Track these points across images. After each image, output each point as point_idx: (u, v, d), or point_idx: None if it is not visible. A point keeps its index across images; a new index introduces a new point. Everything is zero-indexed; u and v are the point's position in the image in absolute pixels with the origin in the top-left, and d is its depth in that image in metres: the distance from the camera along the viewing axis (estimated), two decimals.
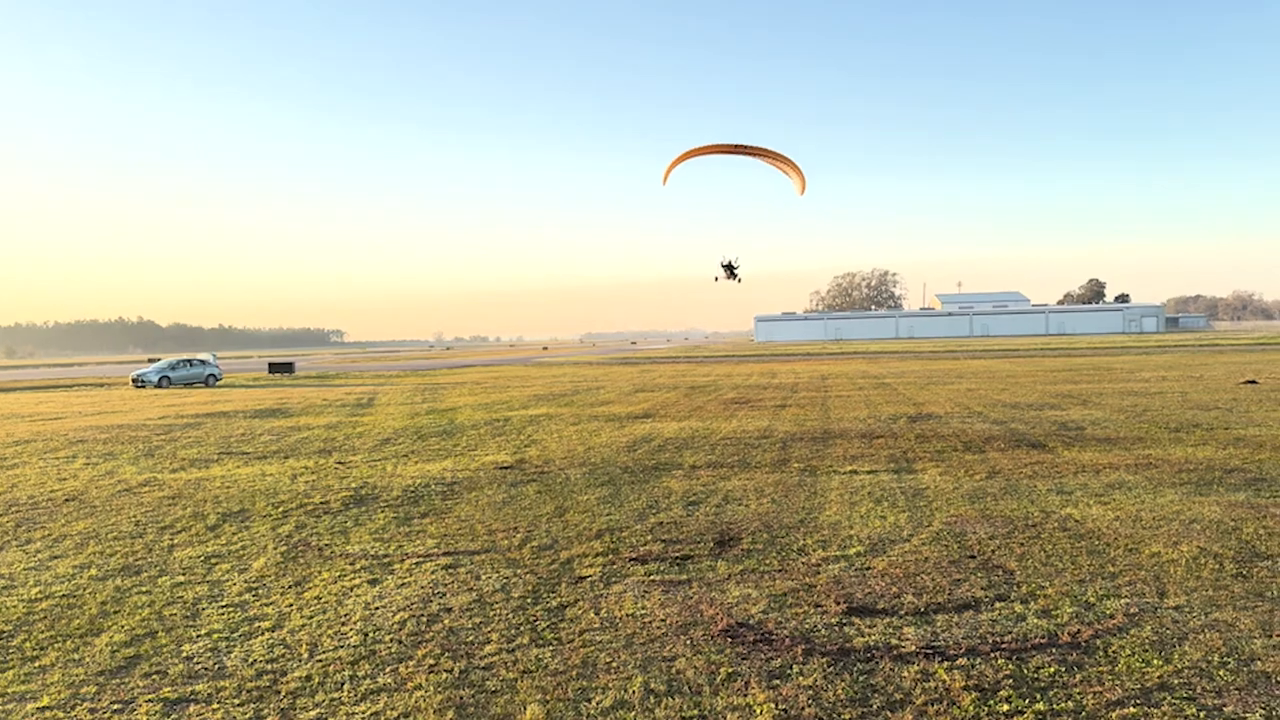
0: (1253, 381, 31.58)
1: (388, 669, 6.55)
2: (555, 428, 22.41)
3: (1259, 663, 6.14)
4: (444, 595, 8.31)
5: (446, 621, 7.55)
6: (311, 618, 7.77)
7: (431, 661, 6.65)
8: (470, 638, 7.15)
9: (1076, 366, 46.83)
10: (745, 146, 20.07)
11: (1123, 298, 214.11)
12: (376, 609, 7.95)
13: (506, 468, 15.90)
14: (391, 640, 7.13)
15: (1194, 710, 5.47)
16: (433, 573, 9.08)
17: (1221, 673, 6.01)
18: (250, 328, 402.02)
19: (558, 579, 8.75)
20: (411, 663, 6.65)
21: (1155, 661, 6.23)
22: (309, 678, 6.43)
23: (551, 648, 6.87)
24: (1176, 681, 5.90)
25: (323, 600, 8.28)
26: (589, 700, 5.90)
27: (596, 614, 7.64)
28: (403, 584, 8.72)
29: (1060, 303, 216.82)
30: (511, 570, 9.09)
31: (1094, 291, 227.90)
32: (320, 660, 6.76)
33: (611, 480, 14.29)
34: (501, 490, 13.67)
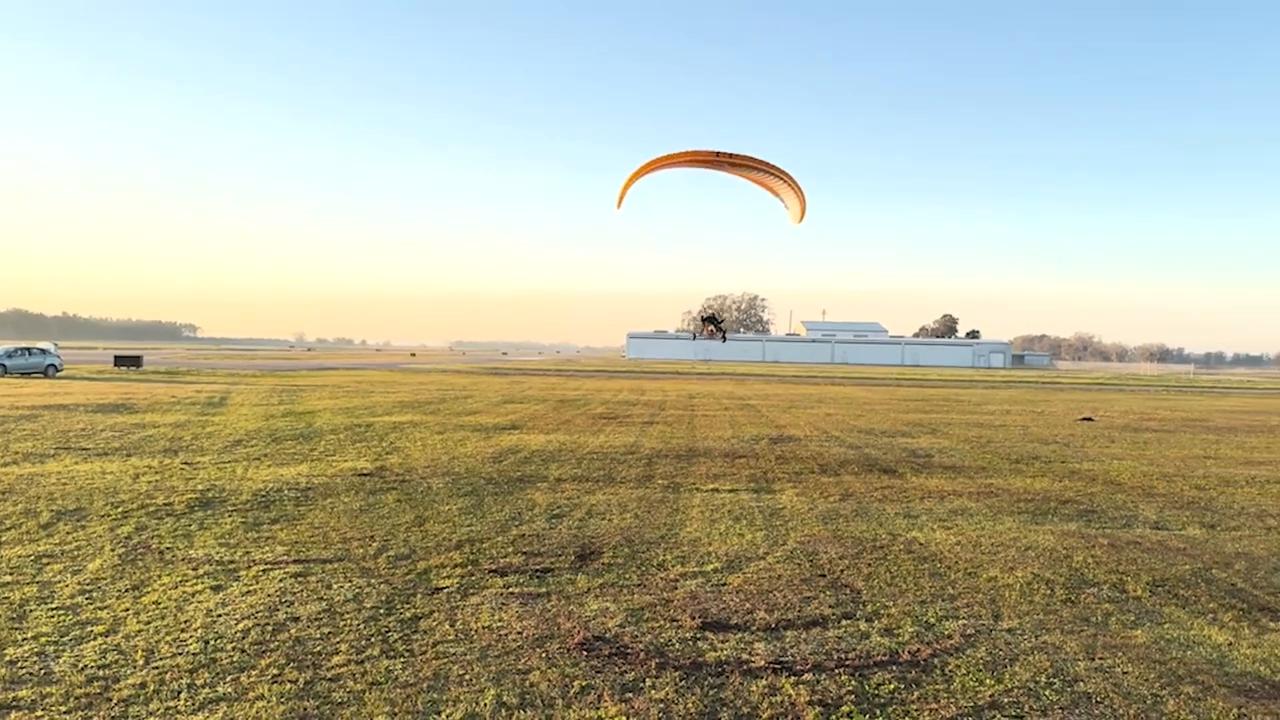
0: (1089, 419, 33.69)
1: (228, 678, 6.30)
2: (419, 436, 22.02)
3: (1082, 684, 6.55)
4: (292, 604, 8.05)
5: (293, 631, 7.32)
6: (149, 623, 7.41)
7: (275, 671, 6.44)
8: (318, 648, 6.95)
9: (928, 397, 48.97)
10: (729, 156, 16.72)
11: (973, 333, 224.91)
12: (219, 616, 7.65)
13: (366, 475, 15.54)
14: (234, 649, 6.87)
15: None
16: (281, 580, 8.79)
17: (1048, 693, 6.38)
18: (97, 317, 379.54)
19: (413, 589, 8.61)
20: (254, 672, 6.41)
21: (988, 681, 6.57)
22: (143, 685, 6.13)
23: (403, 659, 6.75)
24: (1006, 700, 6.23)
25: (162, 605, 7.91)
26: (439, 713, 5.83)
27: (451, 626, 7.55)
28: (248, 591, 8.41)
29: (916, 335, 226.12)
30: (365, 580, 8.89)
31: (947, 326, 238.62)
32: (156, 667, 6.45)
33: (475, 491, 14.14)
34: (359, 498, 13.35)
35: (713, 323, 33.52)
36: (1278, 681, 6.64)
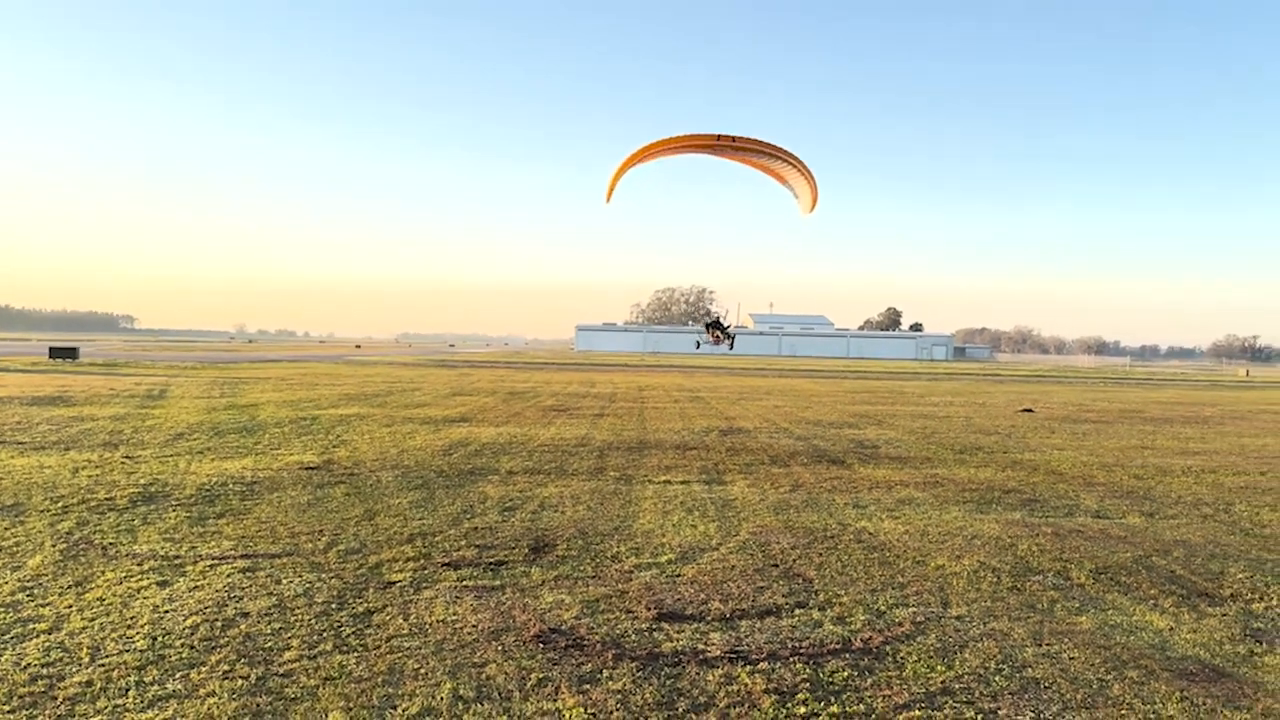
0: (1029, 410, 34.38)
1: (178, 675, 6.18)
2: (366, 428, 21.76)
3: (1030, 669, 6.69)
4: (241, 599, 7.92)
5: (243, 626, 7.20)
6: (93, 620, 7.24)
7: (226, 667, 6.33)
8: (269, 643, 6.84)
9: (873, 389, 49.60)
10: (730, 139, 15.33)
11: (917, 326, 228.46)
12: (166, 612, 7.49)
13: (313, 468, 15.31)
14: (183, 645, 6.74)
15: (972, 714, 5.90)
16: (229, 575, 8.64)
17: (997, 679, 6.51)
18: (30, 308, 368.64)
19: (365, 584, 8.51)
20: (204, 668, 6.30)
21: (939, 667, 6.69)
22: (90, 683, 5.99)
23: (357, 654, 6.67)
24: (958, 687, 6.34)
25: (106, 602, 7.73)
26: (395, 707, 5.78)
27: (405, 620, 7.48)
28: (196, 587, 8.25)
29: (861, 328, 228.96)
30: (315, 574, 8.77)
31: (891, 319, 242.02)
32: (103, 665, 6.31)
33: (425, 484, 14.02)
34: (306, 491, 13.16)
35: (718, 328, 32.59)
36: (1217, 665, 6.85)
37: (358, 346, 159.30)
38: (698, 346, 31.75)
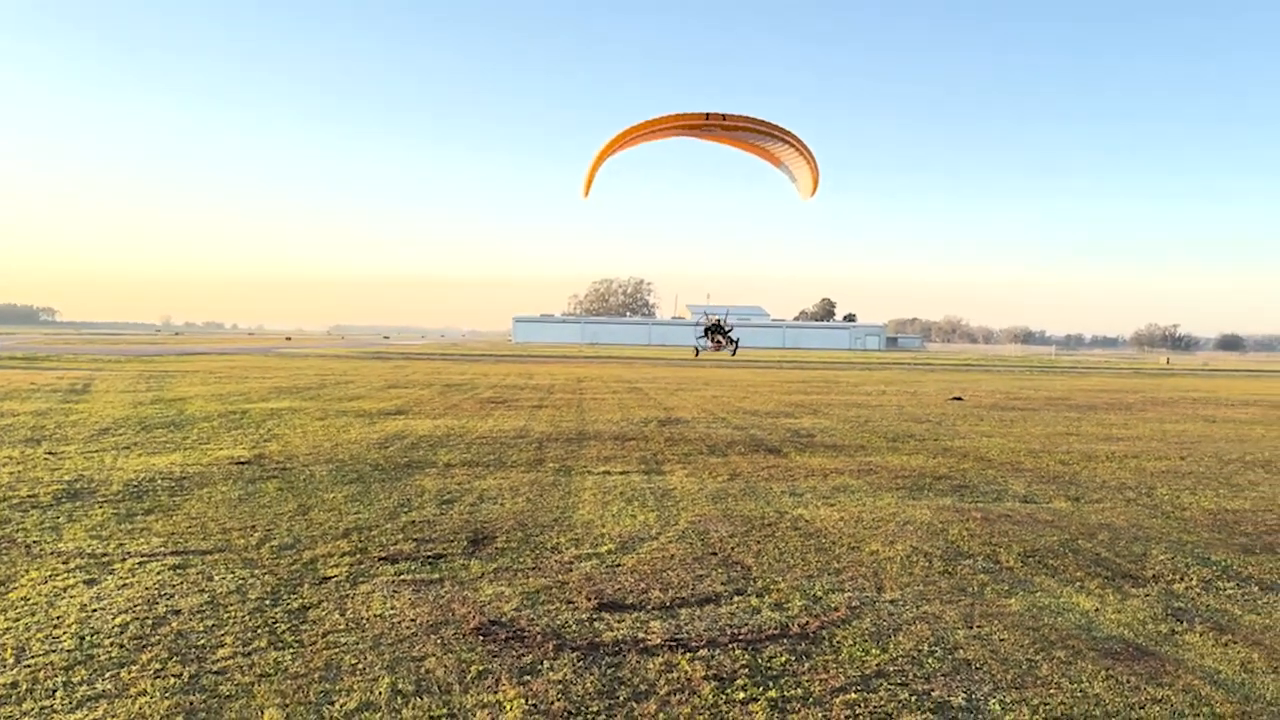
0: (959, 398, 35.12)
1: (107, 674, 6.02)
2: (299, 422, 21.39)
3: (961, 651, 6.85)
4: (172, 597, 7.74)
5: (175, 624, 7.04)
6: (18, 620, 7.02)
7: (158, 666, 6.19)
8: (202, 641, 6.70)
9: (808, 379, 50.20)
10: (721, 118, 14.17)
11: (850, 317, 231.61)
12: (94, 611, 7.29)
13: (244, 463, 15.01)
14: (112, 644, 6.57)
15: (906, 695, 6.02)
16: (159, 573, 8.44)
17: (930, 660, 6.65)
18: None
19: (300, 579, 8.38)
20: (135, 668, 6.15)
21: (874, 651, 6.81)
22: (15, 684, 5.81)
23: (292, 650, 6.57)
24: (892, 669, 6.47)
25: (31, 602, 7.49)
26: (332, 703, 5.70)
27: (342, 615, 7.39)
28: (124, 585, 8.04)
29: (796, 319, 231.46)
30: (248, 570, 8.61)
31: (826, 310, 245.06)
32: (29, 666, 6.12)
33: (361, 478, 13.83)
34: (238, 486, 12.90)
35: (719, 331, 31.36)
36: (1140, 644, 7.08)
37: (288, 339, 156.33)
38: (696, 354, 30.54)
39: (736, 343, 31.15)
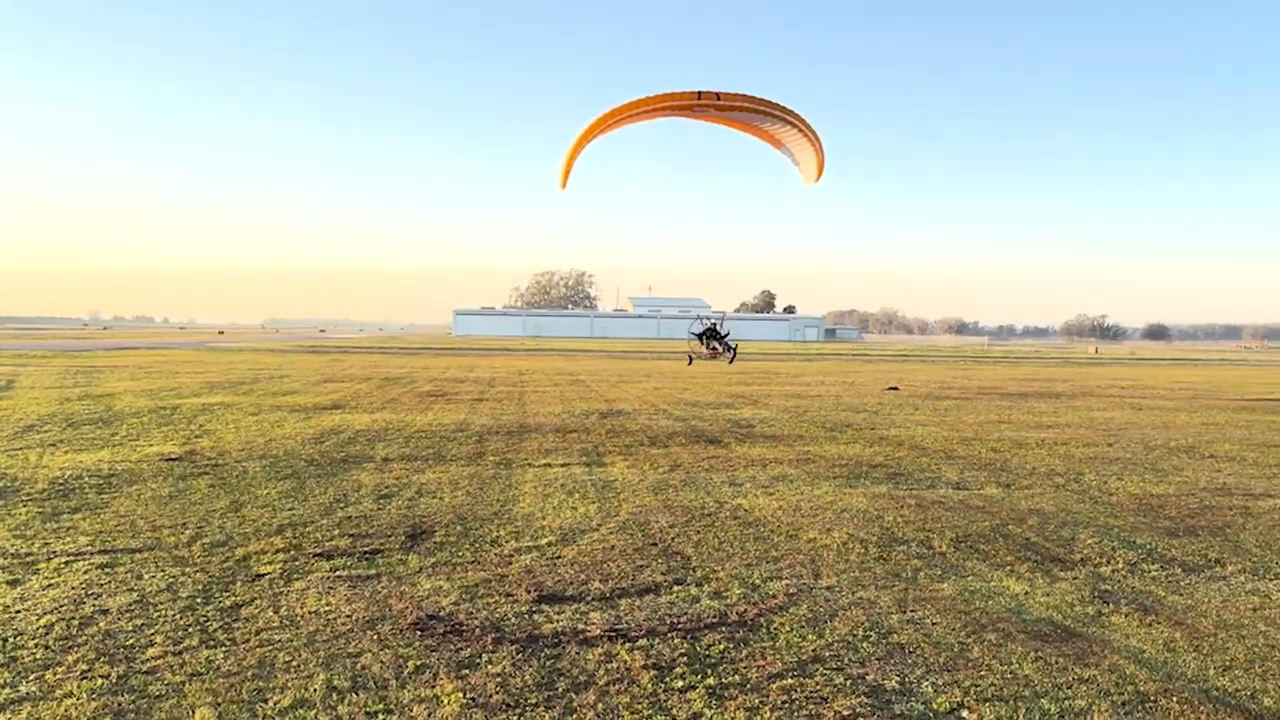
0: (895, 388, 35.69)
1: (31, 676, 5.84)
2: (232, 418, 20.96)
3: (895, 635, 6.97)
4: (100, 596, 7.54)
5: (103, 624, 6.86)
6: None
7: (85, 667, 6.02)
8: (131, 641, 6.54)
9: (749, 370, 50.50)
10: (715, 96, 13.03)
11: (790, 309, 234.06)
12: (18, 612, 7.07)
13: (174, 459, 14.67)
14: (36, 645, 6.37)
15: (841, 679, 6.10)
16: (86, 572, 8.21)
17: (865, 645, 6.75)
18: None
19: (232, 577, 8.22)
20: (61, 669, 5.98)
21: (810, 637, 6.90)
22: None
23: (224, 648, 6.45)
24: (828, 654, 6.55)
25: None
26: (266, 701, 5.61)
27: (275, 612, 7.26)
28: (50, 585, 7.81)
29: (737, 310, 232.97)
30: (179, 569, 8.42)
31: (766, 301, 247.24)
32: None
33: (295, 473, 13.61)
34: (168, 484, 12.60)
35: (714, 337, 30.00)
36: (1068, 625, 7.27)
37: (221, 333, 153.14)
38: (689, 362, 28.35)
39: (734, 350, 29.47)
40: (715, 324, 28.65)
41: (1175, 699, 5.81)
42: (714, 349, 28.16)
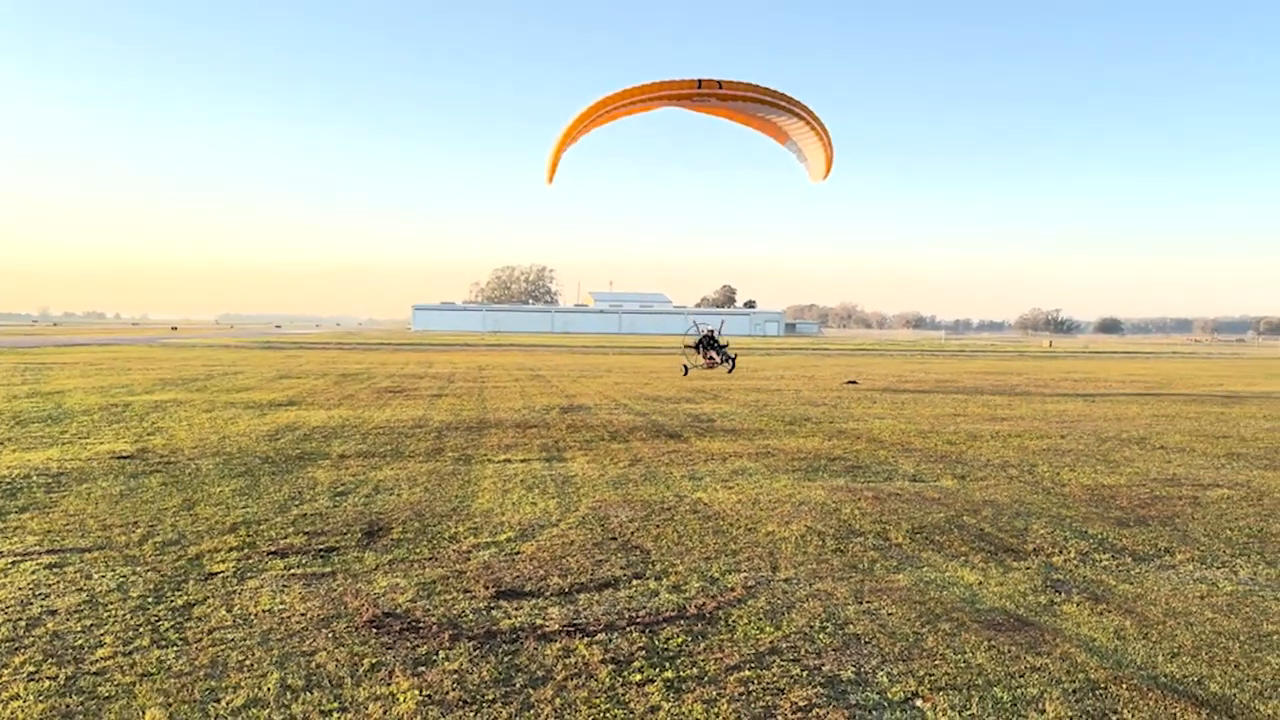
0: (853, 382, 35.97)
1: None
2: (185, 414, 20.63)
3: (852, 626, 7.03)
4: (48, 597, 7.39)
5: (50, 625, 6.72)
6: None
7: (32, 669, 5.90)
8: (80, 641, 6.41)
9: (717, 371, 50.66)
10: (717, 85, 12.26)
11: (750, 303, 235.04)
12: None
13: (126, 457, 14.41)
14: None
15: (798, 670, 6.14)
16: (33, 573, 8.04)
17: (822, 636, 6.80)
18: None
19: (184, 576, 8.09)
20: (7, 671, 5.85)
21: (768, 629, 6.93)
22: None
23: (176, 648, 6.34)
24: (785, 646, 6.59)
25: None
26: (218, 700, 5.53)
27: (228, 611, 7.16)
28: None
29: (698, 305, 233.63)
30: (130, 568, 8.27)
31: (727, 296, 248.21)
32: None
33: (249, 471, 13.43)
34: (119, 482, 12.37)
35: (712, 346, 28.71)
36: (1021, 615, 7.38)
37: (174, 329, 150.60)
38: (685, 372, 27.32)
39: (734, 359, 28.59)
40: (713, 331, 27.83)
41: (1125, 686, 5.92)
42: (711, 359, 27.40)
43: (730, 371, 26.83)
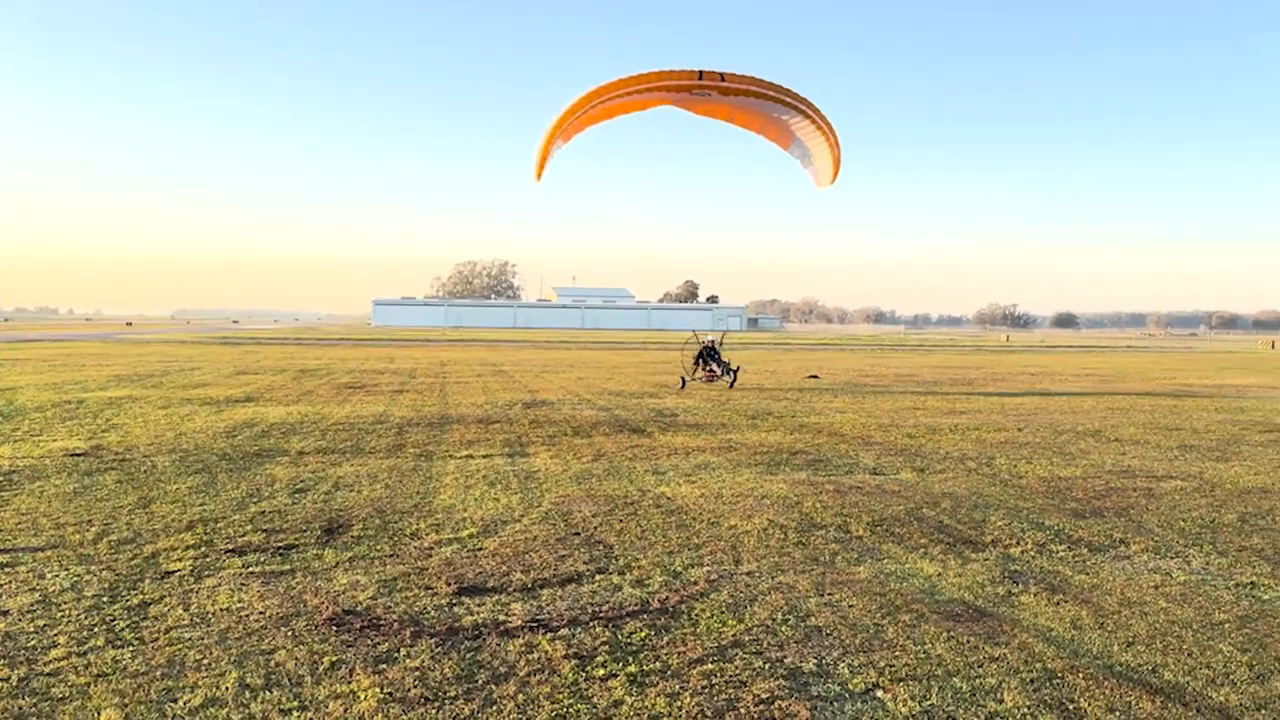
0: (815, 376, 36.22)
1: None
2: (140, 411, 20.29)
3: (813, 618, 7.08)
4: None
5: (2, 626, 6.58)
6: None
7: None
8: (32, 642, 6.29)
9: (672, 359, 50.78)
10: (720, 77, 11.23)
11: (713, 298, 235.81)
12: None
13: (79, 455, 14.14)
14: None
15: (761, 663, 6.18)
16: None
17: (784, 629, 6.84)
18: None
19: (140, 575, 7.96)
20: None
21: (730, 622, 6.96)
22: None
23: (132, 648, 6.24)
24: (747, 639, 6.63)
25: None
26: (175, 700, 5.45)
27: (186, 610, 7.06)
28: None
29: (661, 300, 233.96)
30: (84, 567, 8.12)
31: (689, 291, 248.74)
32: None
33: (206, 468, 13.24)
34: (73, 480, 12.14)
35: (713, 358, 26.94)
36: (979, 606, 7.47)
37: (129, 324, 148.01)
38: (682, 385, 25.82)
39: (736, 372, 26.10)
40: (714, 343, 26.95)
41: (1081, 675, 6.02)
42: (712, 372, 26.44)
43: (732, 386, 26.02)
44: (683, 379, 27.10)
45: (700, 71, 11.70)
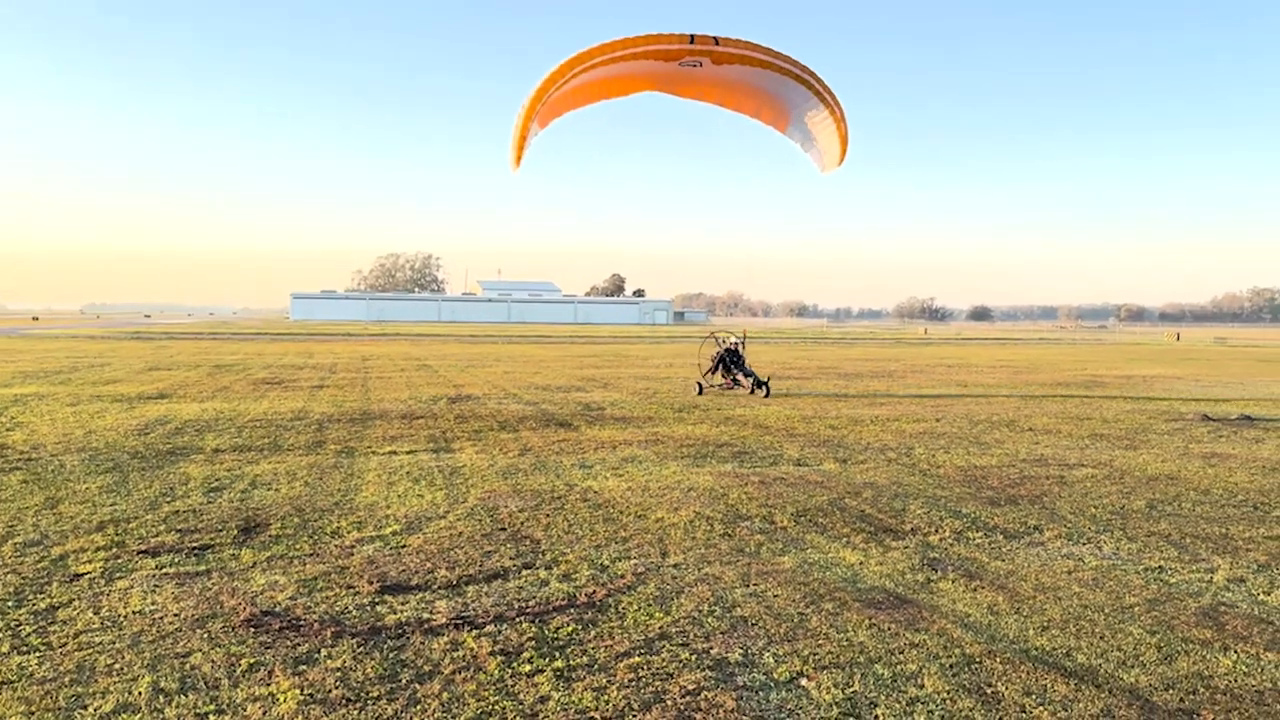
0: None
1: None
2: (47, 409, 19.54)
3: (739, 609, 7.14)
4: None
5: None
6: None
7: None
8: None
9: (599, 353, 50.82)
10: (714, 41, 10.41)
11: (640, 292, 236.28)
12: None
13: None
14: None
15: (687, 654, 6.21)
16: None
17: (710, 620, 6.89)
18: None
19: (48, 578, 7.67)
20: None
21: (657, 614, 6.99)
22: None
23: (39, 654, 6.01)
24: (674, 630, 6.65)
25: None
26: (85, 707, 5.26)
27: (96, 614, 6.82)
28: None
29: (587, 294, 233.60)
30: None
31: (616, 285, 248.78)
32: None
33: (118, 467, 12.81)
34: None
35: (735, 364, 24.12)
36: (900, 593, 7.63)
37: (35, 319, 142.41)
38: (699, 391, 23.77)
39: (766, 383, 23.47)
40: (736, 345, 24.00)
41: (998, 659, 6.18)
42: (733, 379, 24.38)
43: (765, 395, 23.09)
44: (699, 385, 25.01)
45: (692, 36, 10.84)
